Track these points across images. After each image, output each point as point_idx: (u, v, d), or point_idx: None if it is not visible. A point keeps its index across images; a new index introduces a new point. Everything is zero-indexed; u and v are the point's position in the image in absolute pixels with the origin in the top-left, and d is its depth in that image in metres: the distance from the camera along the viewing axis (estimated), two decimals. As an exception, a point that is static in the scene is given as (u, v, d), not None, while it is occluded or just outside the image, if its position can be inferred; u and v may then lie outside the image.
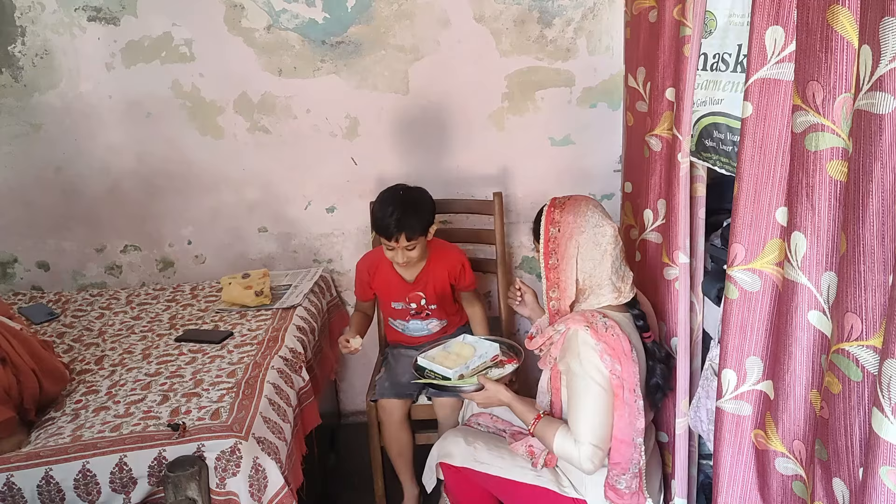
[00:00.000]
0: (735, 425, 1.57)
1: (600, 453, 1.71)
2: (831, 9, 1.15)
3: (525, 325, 3.03)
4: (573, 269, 1.79)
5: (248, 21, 2.63)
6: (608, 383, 1.70)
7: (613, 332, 1.72)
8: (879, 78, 1.03)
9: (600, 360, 1.69)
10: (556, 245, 1.81)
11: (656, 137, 2.06)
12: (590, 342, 1.70)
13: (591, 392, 1.70)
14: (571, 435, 1.72)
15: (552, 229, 1.82)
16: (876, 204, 1.08)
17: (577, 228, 1.79)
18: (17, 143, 2.75)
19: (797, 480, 1.45)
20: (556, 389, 1.84)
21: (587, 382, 1.70)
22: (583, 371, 1.70)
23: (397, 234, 2.25)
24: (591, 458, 1.70)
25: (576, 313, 1.79)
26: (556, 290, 1.82)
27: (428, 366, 1.98)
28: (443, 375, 1.94)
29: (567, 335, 1.76)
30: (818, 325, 1.32)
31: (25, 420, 1.89)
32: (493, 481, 1.92)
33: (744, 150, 1.45)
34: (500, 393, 1.89)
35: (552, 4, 2.62)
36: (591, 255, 1.78)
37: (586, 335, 1.71)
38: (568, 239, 1.79)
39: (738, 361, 1.54)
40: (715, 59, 1.80)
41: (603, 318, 1.74)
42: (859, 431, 1.17)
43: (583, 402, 1.71)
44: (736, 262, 1.50)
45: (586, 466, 1.71)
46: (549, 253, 1.82)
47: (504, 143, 2.77)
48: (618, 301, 1.82)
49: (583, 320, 1.73)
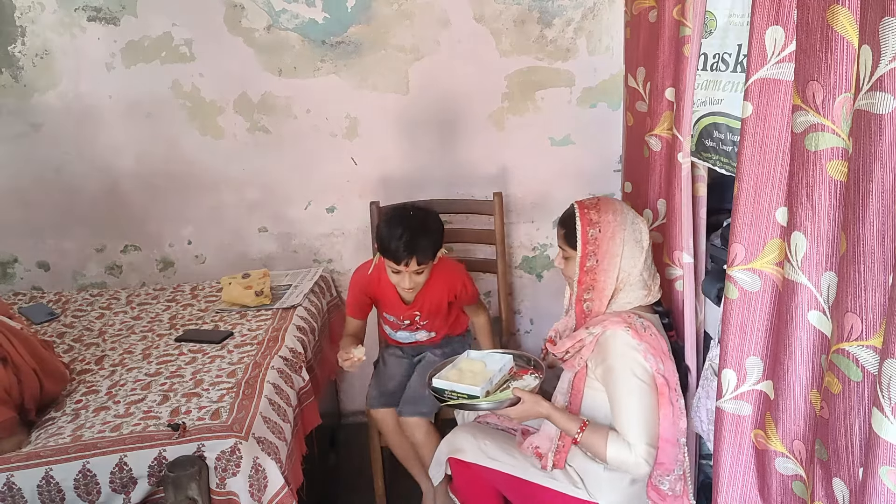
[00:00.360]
0: (735, 425, 1.57)
1: (654, 452, 1.69)
2: (831, 9, 1.15)
3: (524, 325, 3.03)
4: (615, 268, 1.77)
5: (248, 21, 2.63)
6: (653, 381, 1.70)
7: (651, 332, 1.73)
8: (879, 78, 1.02)
9: (644, 360, 1.69)
10: (597, 246, 1.78)
11: (656, 137, 2.06)
12: (632, 343, 1.70)
13: (639, 391, 1.69)
14: (621, 439, 1.70)
15: (591, 230, 1.78)
16: (876, 204, 1.08)
17: (619, 226, 1.78)
18: (17, 143, 2.75)
19: (797, 480, 1.45)
20: (576, 391, 1.83)
21: (634, 382, 1.69)
22: (629, 371, 1.69)
23: (408, 258, 2.10)
24: (646, 458, 1.68)
25: (610, 314, 1.78)
26: (591, 291, 1.80)
27: (448, 386, 1.85)
28: (468, 394, 1.82)
29: (602, 337, 1.74)
30: (818, 325, 1.32)
31: (26, 420, 1.89)
32: (502, 479, 1.91)
33: (744, 150, 1.45)
34: (538, 404, 1.79)
35: (552, 4, 2.62)
36: (632, 253, 1.78)
37: (627, 336, 1.70)
38: (610, 238, 1.77)
39: (738, 361, 1.54)
40: (715, 59, 1.80)
41: (638, 318, 1.74)
42: (859, 431, 1.17)
43: (631, 403, 1.69)
44: (736, 262, 1.50)
45: (643, 469, 1.69)
46: (587, 255, 1.79)
47: (504, 143, 2.77)
48: (647, 300, 1.82)
49: (621, 322, 1.72)
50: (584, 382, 1.82)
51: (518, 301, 2.99)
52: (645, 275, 1.81)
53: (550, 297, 2.96)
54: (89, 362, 2.21)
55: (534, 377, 1.90)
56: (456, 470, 1.99)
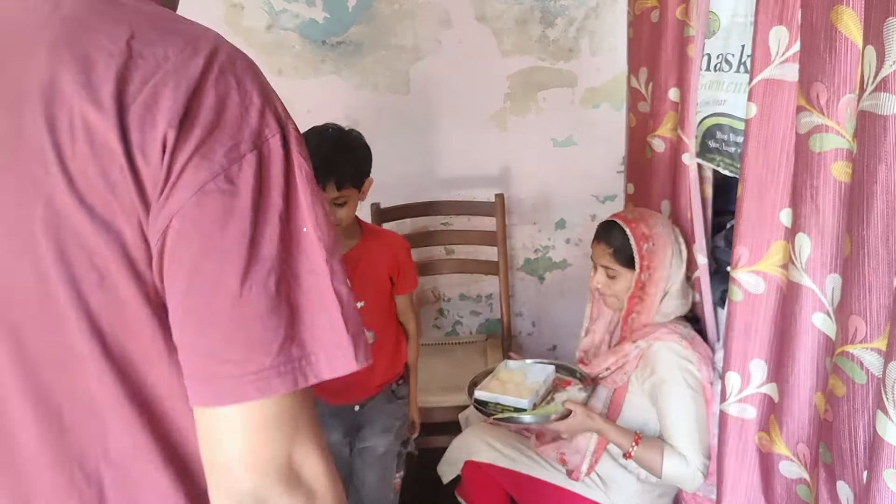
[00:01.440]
0: (739, 428, 1.56)
1: (708, 463, 1.68)
2: (836, 9, 1.14)
3: (526, 328, 3.02)
4: (664, 279, 1.77)
5: (248, 21, 2.62)
6: (703, 392, 1.69)
7: (699, 341, 1.73)
8: (884, 79, 1.02)
9: (697, 371, 1.68)
10: (651, 260, 1.76)
11: (658, 138, 2.05)
12: (685, 353, 1.69)
13: (693, 402, 1.68)
14: (677, 452, 1.67)
15: (646, 245, 1.75)
16: (880, 205, 1.07)
17: (669, 237, 1.78)
18: (18, 144, 2.74)
19: (801, 484, 1.44)
20: (615, 406, 1.81)
21: (689, 393, 1.67)
22: (683, 382, 1.67)
23: (325, 179, 1.68)
24: (703, 470, 1.66)
25: (657, 325, 1.76)
26: (640, 304, 1.78)
27: (491, 398, 1.80)
28: (514, 407, 1.77)
29: (650, 351, 1.73)
30: (822, 328, 1.32)
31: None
32: (517, 479, 1.89)
33: (747, 151, 1.44)
34: (591, 418, 1.74)
35: (554, 4, 2.61)
36: (678, 262, 1.79)
37: (680, 347, 1.69)
38: (663, 249, 1.77)
39: (742, 364, 1.54)
40: (718, 60, 1.79)
41: (684, 327, 1.74)
42: (864, 434, 1.16)
43: (688, 415, 1.67)
44: (740, 263, 1.49)
45: (699, 481, 1.67)
46: (644, 269, 1.76)
47: (506, 143, 2.77)
48: (684, 309, 1.81)
49: (671, 332, 1.71)
50: (624, 398, 1.79)
51: (520, 303, 2.98)
52: (685, 282, 1.81)
53: (552, 300, 2.95)
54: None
55: (579, 389, 1.86)
56: (466, 471, 1.98)
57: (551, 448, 1.89)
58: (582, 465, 1.82)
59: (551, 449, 1.88)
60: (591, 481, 1.83)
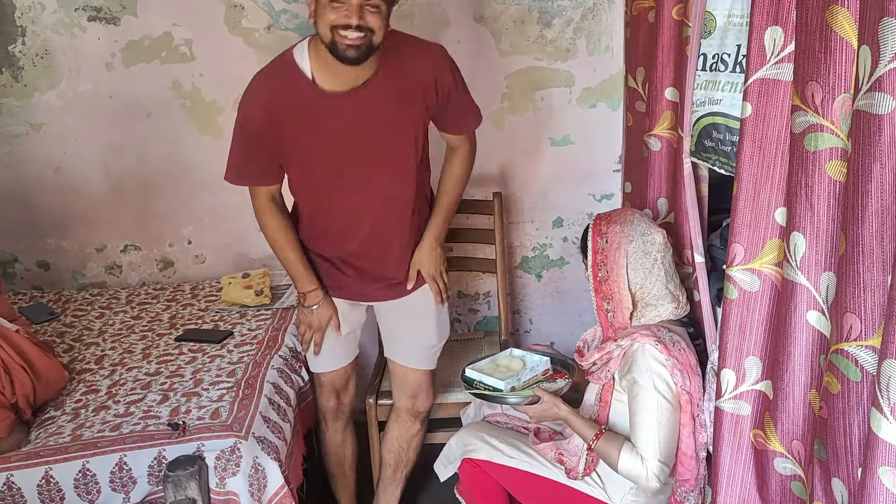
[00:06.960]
0: (734, 425, 1.58)
1: (667, 470, 1.69)
2: (830, 9, 1.16)
3: (523, 325, 3.03)
4: (624, 280, 1.78)
5: (248, 21, 2.63)
6: (676, 400, 1.70)
7: (681, 347, 1.72)
8: (878, 78, 1.03)
9: (671, 376, 1.69)
10: (605, 257, 1.79)
11: (655, 137, 2.06)
12: (660, 358, 1.69)
13: (659, 408, 1.68)
14: (637, 451, 1.70)
15: (600, 241, 1.81)
16: (875, 204, 1.08)
17: (625, 237, 1.78)
18: (17, 143, 2.75)
19: (796, 480, 1.45)
20: (604, 403, 1.83)
21: (656, 398, 1.68)
22: (652, 387, 1.68)
23: None
24: (658, 475, 1.68)
25: (640, 327, 1.77)
26: (609, 301, 1.81)
27: (477, 377, 1.91)
28: (493, 387, 1.87)
29: (631, 350, 1.74)
30: (817, 325, 1.33)
31: (22, 420, 1.89)
32: (515, 476, 1.91)
33: (743, 150, 1.45)
34: (557, 406, 1.82)
35: (552, 5, 2.62)
36: (641, 265, 1.78)
37: (656, 350, 1.70)
38: (616, 249, 1.79)
39: (738, 361, 1.55)
40: (714, 60, 1.80)
41: (668, 332, 1.74)
42: (858, 431, 1.17)
43: (650, 419, 1.68)
44: (735, 262, 1.50)
45: (653, 484, 1.68)
46: (597, 265, 1.81)
47: (504, 142, 2.77)
48: (676, 313, 1.81)
49: (650, 335, 1.71)
50: (612, 395, 1.81)
51: (518, 301, 2.99)
52: (671, 287, 1.81)
53: (550, 298, 2.96)
54: (89, 362, 2.21)
55: (565, 381, 1.92)
56: (464, 469, 1.99)
57: (549, 447, 1.90)
58: (578, 465, 1.83)
59: (549, 447, 1.90)
60: (588, 478, 1.84)
